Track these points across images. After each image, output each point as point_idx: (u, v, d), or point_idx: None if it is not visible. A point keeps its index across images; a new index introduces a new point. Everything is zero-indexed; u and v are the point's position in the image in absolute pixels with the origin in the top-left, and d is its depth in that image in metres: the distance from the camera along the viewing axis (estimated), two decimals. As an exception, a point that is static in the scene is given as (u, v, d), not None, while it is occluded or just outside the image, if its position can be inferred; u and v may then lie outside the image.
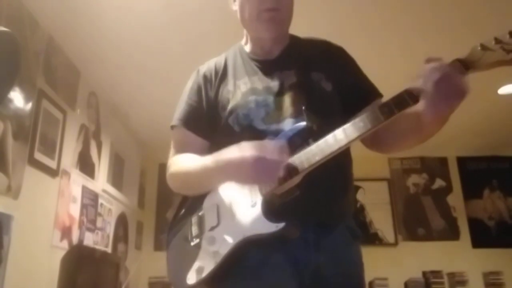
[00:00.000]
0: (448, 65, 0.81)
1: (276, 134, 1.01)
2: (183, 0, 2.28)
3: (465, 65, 0.81)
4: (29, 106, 2.21)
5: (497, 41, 0.78)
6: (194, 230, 1.05)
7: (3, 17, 1.99)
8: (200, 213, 1.06)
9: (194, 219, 1.07)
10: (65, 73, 2.69)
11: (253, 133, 1.05)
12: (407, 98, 0.84)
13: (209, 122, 1.14)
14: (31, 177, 2.20)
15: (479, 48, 0.80)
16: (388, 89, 1.05)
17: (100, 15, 2.35)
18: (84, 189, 2.87)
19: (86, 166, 2.94)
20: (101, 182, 3.21)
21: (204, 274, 0.97)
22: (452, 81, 0.79)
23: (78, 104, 2.83)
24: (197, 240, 1.03)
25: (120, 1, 2.27)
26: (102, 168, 3.27)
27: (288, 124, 1.03)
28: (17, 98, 2.10)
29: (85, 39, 2.57)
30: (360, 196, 4.47)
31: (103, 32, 2.51)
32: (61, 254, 2.39)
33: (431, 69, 0.81)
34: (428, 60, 0.83)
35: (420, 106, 0.84)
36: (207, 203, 1.06)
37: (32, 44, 2.27)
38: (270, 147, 0.91)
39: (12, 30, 1.90)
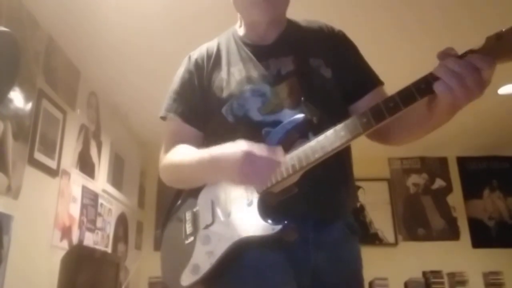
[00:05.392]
0: (475, 55, 0.75)
1: (273, 125, 0.95)
2: (183, 3, 2.28)
3: None
4: (29, 106, 2.21)
5: None
6: (188, 227, 1.01)
7: (3, 17, 1.99)
8: (194, 209, 1.02)
9: (188, 216, 1.03)
10: (65, 73, 2.68)
11: (248, 124, 1.00)
12: (414, 92, 0.78)
13: (202, 112, 1.09)
14: (31, 177, 2.19)
15: (494, 38, 0.73)
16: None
17: (100, 15, 2.35)
18: (84, 189, 2.87)
19: (86, 166, 2.94)
20: (101, 182, 3.21)
21: (199, 275, 0.93)
22: (479, 73, 0.73)
23: (78, 104, 2.83)
24: (191, 239, 0.99)
25: (120, 2, 2.27)
26: (102, 168, 3.26)
27: (286, 115, 0.97)
28: (17, 98, 2.10)
29: (85, 39, 2.57)
30: (360, 196, 4.47)
31: (103, 32, 2.50)
32: (61, 254, 2.39)
33: (455, 62, 0.75)
34: (441, 54, 0.77)
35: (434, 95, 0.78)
36: (202, 198, 1.02)
37: (32, 44, 2.27)
38: (265, 148, 0.87)
39: (12, 30, 1.90)
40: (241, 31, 1.17)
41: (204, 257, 0.94)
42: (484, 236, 4.49)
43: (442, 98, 0.77)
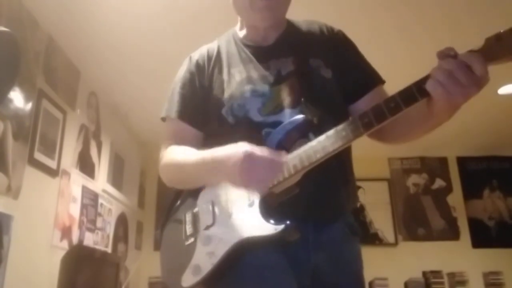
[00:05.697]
0: (467, 53, 0.75)
1: (273, 126, 0.95)
2: (183, 3, 2.28)
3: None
4: (29, 106, 2.21)
5: None
6: (189, 228, 1.00)
7: (3, 17, 1.99)
8: (194, 210, 1.01)
9: (188, 216, 1.02)
10: (65, 73, 2.69)
11: (248, 125, 1.00)
12: (415, 92, 0.79)
13: (203, 112, 1.09)
14: (31, 177, 2.19)
15: (493, 39, 0.74)
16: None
17: (100, 15, 2.35)
18: (84, 189, 2.87)
19: (86, 166, 2.94)
20: (101, 182, 3.21)
21: (200, 276, 0.92)
22: (470, 70, 0.74)
23: (78, 104, 2.83)
24: (192, 239, 0.98)
25: (120, 2, 2.27)
26: (102, 168, 3.27)
27: (286, 116, 0.98)
28: (17, 98, 2.10)
29: (85, 40, 2.57)
30: (360, 196, 4.46)
31: (103, 32, 2.50)
32: (61, 254, 2.39)
33: (446, 61, 0.76)
34: (440, 53, 0.78)
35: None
36: (202, 199, 1.01)
37: (32, 44, 2.27)
38: (267, 150, 0.87)
39: (12, 30, 1.91)
40: (241, 32, 1.17)
41: (205, 258, 0.94)
42: (484, 236, 4.49)
43: (435, 95, 0.78)
